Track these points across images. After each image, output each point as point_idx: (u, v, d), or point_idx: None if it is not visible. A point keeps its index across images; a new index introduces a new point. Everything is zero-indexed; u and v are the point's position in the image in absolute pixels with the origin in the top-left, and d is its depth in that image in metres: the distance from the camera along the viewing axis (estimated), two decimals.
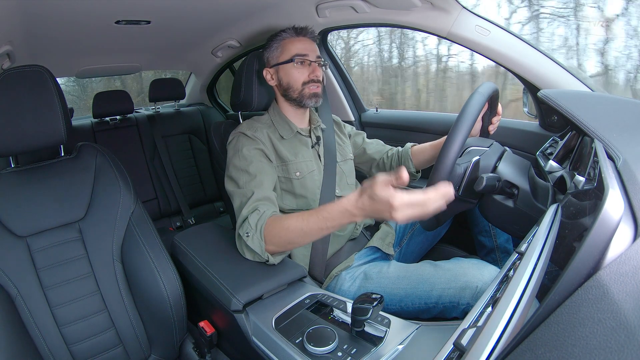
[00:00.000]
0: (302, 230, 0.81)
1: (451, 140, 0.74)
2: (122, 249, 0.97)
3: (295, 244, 0.86)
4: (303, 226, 0.81)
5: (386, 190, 0.67)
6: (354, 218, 0.75)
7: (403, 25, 1.21)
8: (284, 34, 1.10)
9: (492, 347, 0.36)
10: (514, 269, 0.47)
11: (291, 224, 0.83)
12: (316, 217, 0.79)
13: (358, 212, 0.73)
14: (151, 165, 2.04)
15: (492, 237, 1.13)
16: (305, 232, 0.81)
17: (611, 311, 0.33)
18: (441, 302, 0.86)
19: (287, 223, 0.83)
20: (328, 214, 0.78)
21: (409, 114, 1.61)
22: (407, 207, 0.66)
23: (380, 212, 0.70)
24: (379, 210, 0.69)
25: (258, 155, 1.00)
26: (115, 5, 1.08)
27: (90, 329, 0.91)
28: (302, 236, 0.82)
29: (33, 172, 0.95)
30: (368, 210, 0.71)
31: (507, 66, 1.08)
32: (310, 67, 1.08)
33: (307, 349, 0.66)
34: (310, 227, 0.80)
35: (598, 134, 0.63)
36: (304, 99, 1.08)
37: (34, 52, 1.37)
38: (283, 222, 0.84)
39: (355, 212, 0.74)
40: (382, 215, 0.70)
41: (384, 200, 0.67)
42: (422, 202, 0.66)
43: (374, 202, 0.69)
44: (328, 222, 0.78)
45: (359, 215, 0.74)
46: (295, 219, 0.82)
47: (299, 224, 0.81)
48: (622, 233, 0.40)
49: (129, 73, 2.26)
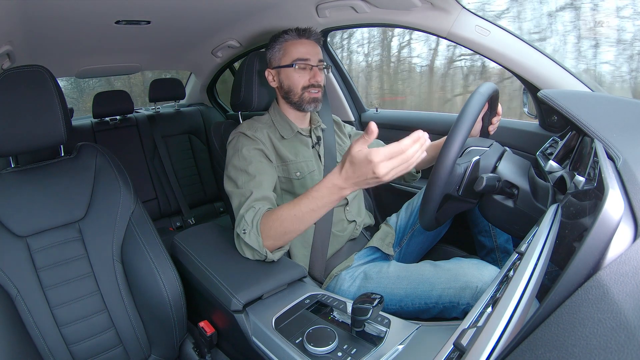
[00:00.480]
0: (295, 216, 0.81)
1: (451, 141, 0.74)
2: (122, 249, 0.97)
3: (292, 233, 0.84)
4: (295, 211, 0.80)
5: (362, 150, 0.68)
6: (342, 191, 0.75)
7: (403, 25, 1.21)
8: (287, 36, 1.09)
9: (492, 347, 0.36)
10: (514, 269, 0.47)
11: (283, 213, 0.83)
12: (306, 199, 0.79)
13: (344, 183, 0.73)
14: (151, 165, 2.04)
15: (492, 237, 1.13)
16: (298, 217, 0.80)
17: (611, 311, 0.33)
18: (441, 302, 0.86)
19: (279, 213, 0.83)
20: (316, 192, 0.78)
21: (409, 114, 1.61)
22: (388, 160, 0.66)
23: (364, 175, 0.69)
24: (362, 173, 0.69)
25: (258, 156, 1.00)
26: (115, 5, 1.08)
27: (90, 329, 0.91)
28: (295, 222, 0.81)
29: (33, 172, 0.95)
30: (352, 177, 0.71)
31: (507, 66, 1.08)
32: (311, 72, 1.07)
33: (307, 349, 0.66)
34: (302, 211, 0.80)
35: (598, 134, 0.63)
36: (303, 104, 1.08)
37: (34, 52, 1.37)
38: (276, 212, 0.84)
39: (341, 183, 0.73)
40: (367, 178, 0.69)
41: (363, 159, 0.67)
42: (400, 150, 0.66)
43: (355, 166, 0.69)
44: (318, 200, 0.78)
45: (347, 187, 0.74)
46: (287, 207, 0.82)
47: (290, 210, 0.81)
48: (622, 233, 0.40)
49: (129, 73, 2.26)
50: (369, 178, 0.69)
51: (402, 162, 0.67)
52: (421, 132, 0.69)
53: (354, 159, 0.69)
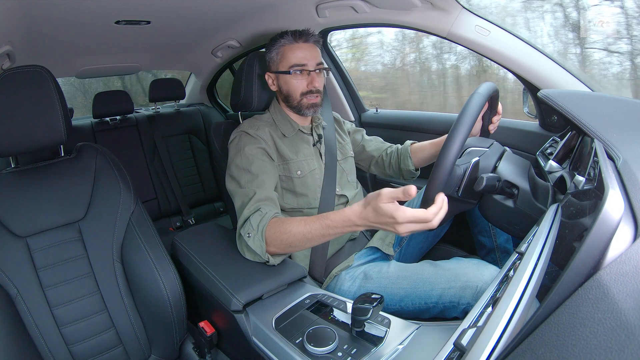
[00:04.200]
0: (304, 236, 0.82)
1: (451, 140, 0.74)
2: (122, 249, 0.97)
3: (296, 248, 0.86)
4: (305, 232, 0.81)
5: (390, 204, 0.68)
6: (356, 228, 0.76)
7: (403, 25, 1.21)
8: (283, 40, 1.07)
9: (492, 347, 0.36)
10: (514, 269, 0.47)
11: (293, 228, 0.83)
12: (319, 224, 0.80)
13: (361, 223, 0.75)
14: (151, 165, 2.04)
15: (492, 237, 1.13)
16: (307, 237, 0.82)
17: (611, 311, 0.33)
18: (441, 302, 0.86)
19: (290, 227, 0.83)
20: (331, 222, 0.79)
21: (409, 114, 1.61)
22: (411, 223, 0.68)
23: (383, 225, 0.71)
24: (382, 222, 0.71)
25: (260, 155, 1.00)
26: (115, 5, 1.08)
27: (90, 329, 0.91)
28: (303, 241, 0.83)
29: (33, 172, 0.95)
30: (371, 221, 0.72)
31: (507, 66, 1.08)
32: (309, 77, 1.07)
33: (307, 349, 0.66)
34: (313, 234, 0.81)
35: (598, 134, 0.63)
36: (302, 109, 1.08)
37: (34, 52, 1.37)
38: (285, 225, 0.84)
39: (358, 222, 0.75)
40: (385, 228, 0.71)
41: (388, 214, 0.68)
42: (425, 218, 0.67)
43: (378, 215, 0.70)
44: (330, 229, 0.79)
45: (361, 226, 0.75)
46: (298, 224, 0.83)
47: (301, 228, 0.82)
48: (622, 233, 0.40)
49: (129, 73, 2.27)
50: (386, 226, 0.71)
51: (424, 228, 0.68)
52: (443, 196, 0.70)
53: (379, 209, 0.69)
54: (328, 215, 0.80)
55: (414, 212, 0.67)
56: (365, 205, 0.73)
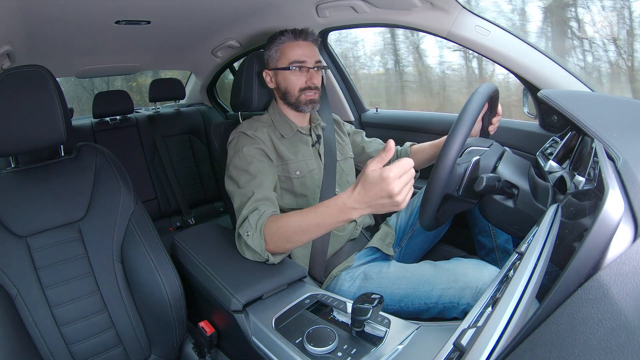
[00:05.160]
0: (300, 227, 0.80)
1: (451, 140, 0.74)
2: (122, 249, 0.97)
3: (295, 242, 0.84)
4: (301, 222, 0.80)
5: (376, 169, 0.67)
6: (352, 212, 0.73)
7: (403, 25, 1.21)
8: (283, 37, 1.09)
9: (492, 347, 0.36)
10: (514, 269, 0.47)
11: (289, 220, 0.82)
12: (314, 212, 0.79)
13: (356, 204, 0.71)
14: (151, 165, 2.04)
15: (492, 237, 1.13)
16: (304, 228, 0.80)
17: (611, 311, 0.33)
18: (441, 302, 0.86)
19: (286, 220, 0.83)
20: (326, 208, 0.77)
21: (409, 114, 1.61)
22: (400, 177, 0.66)
23: (377, 195, 0.67)
24: (375, 192, 0.67)
25: (258, 155, 1.00)
26: (115, 5, 1.08)
27: (90, 329, 0.91)
28: (300, 233, 0.81)
29: (33, 172, 0.95)
30: (365, 197, 0.69)
31: (507, 66, 1.08)
32: (308, 74, 1.07)
33: (307, 349, 0.66)
34: (308, 223, 0.79)
35: (598, 134, 0.63)
36: (300, 105, 1.09)
37: (34, 52, 1.37)
38: (282, 219, 0.84)
39: (352, 203, 0.71)
40: (381, 197, 0.67)
41: (377, 177, 0.66)
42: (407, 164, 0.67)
43: (368, 184, 0.68)
44: (326, 217, 0.76)
45: (358, 208, 0.71)
46: (294, 216, 0.82)
47: (297, 220, 0.81)
48: (622, 233, 0.40)
49: (129, 73, 2.27)
50: (383, 197, 0.67)
51: (410, 180, 0.67)
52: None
53: (367, 177, 0.68)
54: (323, 202, 0.79)
55: (396, 164, 0.66)
56: (356, 184, 0.71)
